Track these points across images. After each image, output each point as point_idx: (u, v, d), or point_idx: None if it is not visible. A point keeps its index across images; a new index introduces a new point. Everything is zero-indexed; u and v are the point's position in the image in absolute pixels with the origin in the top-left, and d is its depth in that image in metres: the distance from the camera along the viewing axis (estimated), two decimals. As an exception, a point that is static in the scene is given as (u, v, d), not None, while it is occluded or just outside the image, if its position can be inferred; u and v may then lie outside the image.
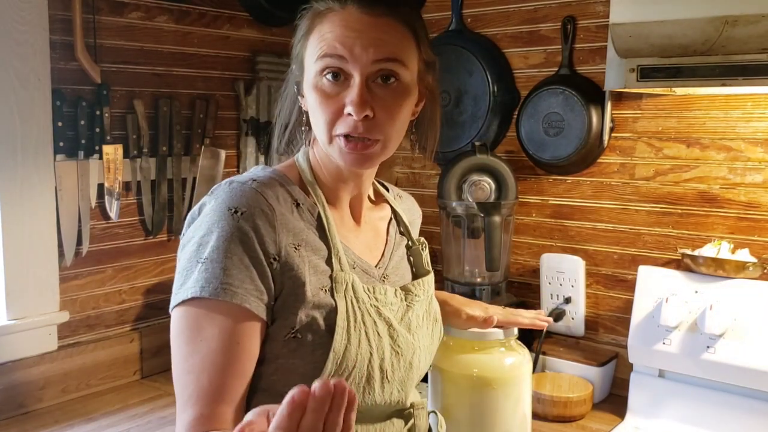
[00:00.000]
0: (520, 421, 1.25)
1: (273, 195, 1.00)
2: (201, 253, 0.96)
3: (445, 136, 2.09)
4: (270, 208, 0.99)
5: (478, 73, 2.01)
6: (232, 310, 0.94)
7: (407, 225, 1.24)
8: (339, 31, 1.00)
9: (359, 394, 1.01)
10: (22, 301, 1.76)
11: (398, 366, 1.06)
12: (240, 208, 0.97)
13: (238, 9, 2.16)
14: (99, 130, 1.86)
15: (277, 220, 0.98)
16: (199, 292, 0.94)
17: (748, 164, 1.69)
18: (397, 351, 1.06)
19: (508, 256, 1.99)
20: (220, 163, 2.12)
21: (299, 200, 1.04)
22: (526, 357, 1.26)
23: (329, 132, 1.01)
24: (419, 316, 1.14)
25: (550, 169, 1.95)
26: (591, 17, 1.86)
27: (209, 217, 0.98)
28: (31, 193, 1.75)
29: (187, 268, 0.97)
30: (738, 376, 1.58)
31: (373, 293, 1.06)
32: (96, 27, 1.84)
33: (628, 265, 1.86)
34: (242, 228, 0.96)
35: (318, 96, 1.01)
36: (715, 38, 1.39)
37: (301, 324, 0.98)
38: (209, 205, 1.00)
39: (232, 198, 0.98)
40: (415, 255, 1.23)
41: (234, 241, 0.95)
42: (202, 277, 0.95)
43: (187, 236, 1.01)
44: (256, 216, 0.97)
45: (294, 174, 1.09)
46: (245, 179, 1.02)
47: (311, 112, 1.05)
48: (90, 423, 1.72)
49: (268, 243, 0.97)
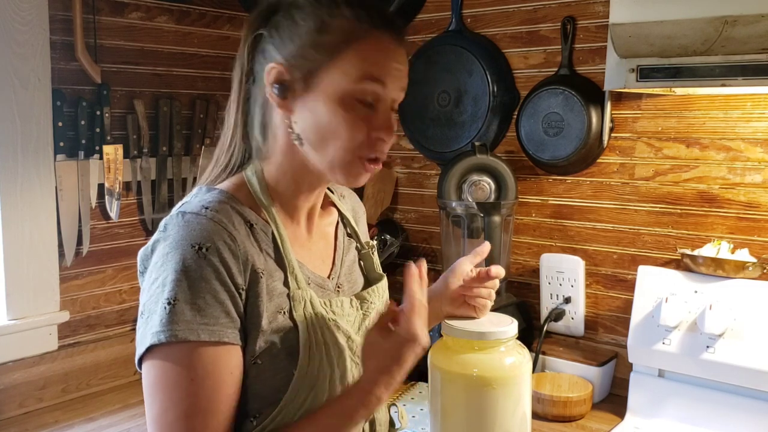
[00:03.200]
0: (520, 421, 1.25)
1: (229, 222, 0.97)
2: (171, 294, 0.91)
3: (445, 136, 2.11)
4: (231, 238, 0.96)
5: (478, 73, 2.01)
6: (212, 347, 0.92)
7: (354, 227, 1.22)
8: (382, 58, 1.00)
9: (318, 408, 1.01)
10: (22, 301, 1.76)
11: (357, 376, 1.06)
12: (204, 244, 0.93)
13: (238, 9, 2.16)
14: (99, 130, 1.86)
15: (240, 250, 0.96)
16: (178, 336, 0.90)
17: (747, 164, 1.69)
18: (356, 362, 1.07)
19: (508, 256, 1.99)
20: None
21: (252, 221, 1.01)
22: (526, 357, 1.26)
23: (353, 154, 1.00)
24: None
25: (550, 169, 1.95)
26: (591, 17, 1.86)
27: (173, 256, 0.93)
28: (31, 193, 1.75)
29: (156, 311, 0.92)
30: (738, 376, 1.58)
31: (330, 307, 1.06)
32: (96, 27, 1.84)
33: (628, 265, 1.86)
34: (212, 263, 0.93)
35: (350, 116, 0.99)
36: (715, 38, 1.39)
37: (261, 350, 0.97)
38: (166, 242, 0.95)
39: (191, 233, 0.94)
40: (366, 259, 1.21)
41: (207, 278, 0.92)
42: (176, 320, 0.91)
43: (150, 277, 0.96)
44: (221, 249, 0.94)
45: (243, 193, 1.04)
46: (197, 208, 0.97)
47: (323, 127, 0.99)
48: (90, 423, 1.72)
49: (235, 275, 0.95)
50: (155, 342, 0.91)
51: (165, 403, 0.91)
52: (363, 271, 1.21)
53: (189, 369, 0.91)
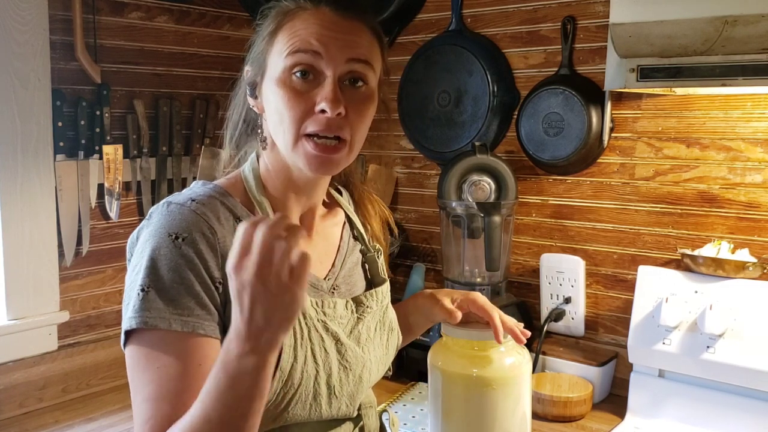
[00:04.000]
0: (520, 421, 1.25)
1: (213, 216, 0.97)
2: (145, 282, 0.92)
3: (445, 136, 2.11)
4: (211, 230, 0.95)
5: (478, 73, 2.01)
6: (189, 337, 0.92)
7: (361, 230, 1.21)
8: (314, 29, 0.99)
9: (306, 411, 1.00)
10: (22, 301, 1.76)
11: (347, 381, 1.05)
12: (180, 234, 0.94)
13: (238, 9, 2.16)
14: (99, 130, 1.86)
15: (219, 243, 0.95)
16: (153, 322, 0.91)
17: (747, 164, 1.69)
18: (346, 366, 1.05)
19: (508, 256, 1.99)
20: (220, 163, 2.11)
21: (242, 217, 1.01)
22: (526, 357, 1.26)
23: (296, 132, 0.98)
24: (371, 328, 1.12)
25: (550, 169, 1.95)
26: (591, 17, 1.86)
27: (150, 243, 0.94)
28: (31, 193, 1.75)
29: (132, 297, 0.93)
30: (738, 376, 1.58)
31: (321, 307, 1.04)
32: (96, 27, 1.84)
33: (628, 265, 1.86)
34: (186, 254, 0.93)
35: (286, 93, 0.98)
36: (715, 38, 1.39)
37: None
38: (148, 229, 0.96)
39: (171, 222, 0.95)
40: (371, 262, 1.20)
41: (179, 268, 0.92)
42: (148, 307, 0.91)
43: (132, 263, 0.97)
44: (197, 241, 0.94)
45: (238, 188, 1.05)
46: (183, 199, 0.98)
47: (274, 112, 1.01)
48: (90, 423, 1.72)
49: (212, 268, 0.94)
50: (128, 328, 0.93)
51: (135, 386, 0.93)
52: (367, 274, 1.20)
53: (156, 356, 0.91)
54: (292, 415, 0.99)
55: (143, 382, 0.92)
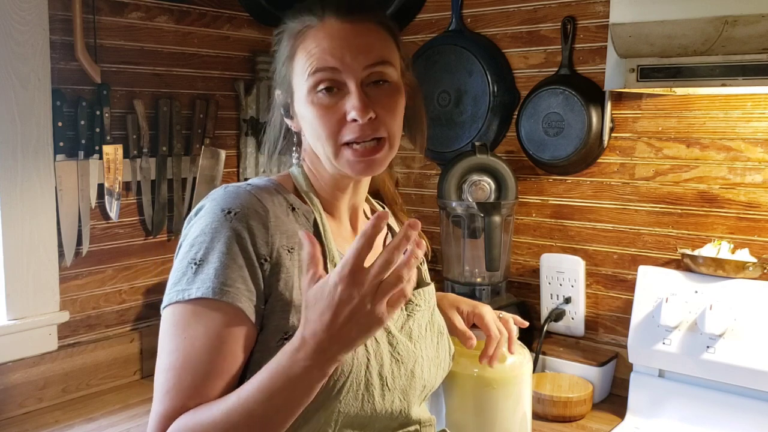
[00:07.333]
0: (520, 421, 1.25)
1: (268, 197, 1.02)
2: (193, 254, 0.96)
3: (445, 136, 2.11)
4: (264, 209, 0.99)
5: (478, 73, 2.01)
6: (222, 309, 0.94)
7: None
8: (326, 44, 1.01)
9: (358, 402, 1.00)
10: (22, 301, 1.76)
11: (399, 374, 1.05)
12: (233, 209, 0.98)
13: (238, 9, 2.16)
14: (99, 130, 1.86)
15: (271, 222, 0.99)
16: (191, 293, 0.94)
17: (748, 164, 1.69)
18: (397, 358, 1.06)
19: (508, 256, 1.99)
20: (220, 163, 2.12)
21: (294, 205, 1.05)
22: (526, 357, 1.26)
23: (335, 144, 1.02)
24: (421, 326, 1.13)
25: (550, 169, 1.95)
26: (591, 17, 1.86)
27: (203, 219, 0.99)
28: (31, 193, 1.75)
29: (179, 268, 0.97)
30: (738, 376, 1.58)
31: None
32: (96, 27, 1.84)
33: (628, 265, 1.86)
34: (235, 228, 0.96)
35: (316, 110, 1.02)
36: (715, 38, 1.39)
37: (294, 328, 0.95)
38: (204, 207, 1.01)
39: (226, 199, 0.99)
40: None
41: (227, 241, 0.96)
42: (194, 278, 0.95)
43: (183, 237, 1.02)
44: (249, 216, 0.98)
45: (289, 184, 1.10)
46: (242, 183, 1.04)
47: (310, 129, 1.05)
48: (90, 423, 1.72)
49: (260, 244, 0.97)
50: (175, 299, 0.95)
51: (163, 350, 0.96)
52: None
53: (186, 325, 0.94)
54: (345, 404, 0.99)
55: (171, 349, 0.94)
